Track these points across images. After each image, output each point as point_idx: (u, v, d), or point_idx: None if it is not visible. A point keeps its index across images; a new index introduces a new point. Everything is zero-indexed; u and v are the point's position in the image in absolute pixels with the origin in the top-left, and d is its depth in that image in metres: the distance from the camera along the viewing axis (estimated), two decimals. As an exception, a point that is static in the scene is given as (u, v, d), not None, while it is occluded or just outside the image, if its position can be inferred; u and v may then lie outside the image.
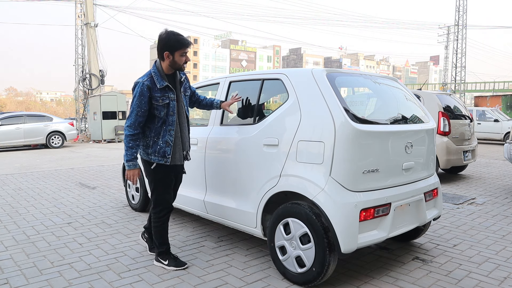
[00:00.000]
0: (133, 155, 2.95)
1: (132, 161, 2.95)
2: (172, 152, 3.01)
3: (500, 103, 21.98)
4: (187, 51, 2.98)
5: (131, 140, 2.94)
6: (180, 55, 2.95)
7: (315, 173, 2.73)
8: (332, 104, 2.73)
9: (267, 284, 2.86)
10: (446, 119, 6.58)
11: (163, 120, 2.97)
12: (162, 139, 2.98)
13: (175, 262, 3.15)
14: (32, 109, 63.29)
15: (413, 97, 3.57)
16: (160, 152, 2.99)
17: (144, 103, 2.90)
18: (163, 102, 2.93)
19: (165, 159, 2.99)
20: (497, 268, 3.15)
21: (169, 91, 2.97)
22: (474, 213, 4.79)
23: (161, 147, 2.98)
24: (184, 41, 2.94)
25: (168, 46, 2.92)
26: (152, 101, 2.92)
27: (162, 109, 2.95)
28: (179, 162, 3.08)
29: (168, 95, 2.96)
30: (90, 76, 20.68)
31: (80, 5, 22.03)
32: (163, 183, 3.08)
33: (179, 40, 2.93)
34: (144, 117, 2.93)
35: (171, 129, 2.99)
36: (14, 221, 4.54)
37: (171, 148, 3.00)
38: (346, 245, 2.60)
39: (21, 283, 2.89)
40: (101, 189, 6.43)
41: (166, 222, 3.17)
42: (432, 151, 3.35)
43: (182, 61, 2.97)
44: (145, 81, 2.91)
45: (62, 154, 12.41)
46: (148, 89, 2.90)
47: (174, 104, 3.00)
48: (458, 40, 32.67)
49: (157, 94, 2.92)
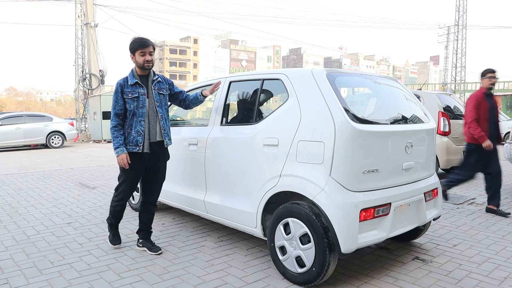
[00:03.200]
0: (118, 142, 3.35)
1: (119, 147, 3.34)
2: (143, 141, 3.37)
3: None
4: (146, 51, 3.32)
5: (114, 131, 3.38)
6: (139, 55, 3.33)
7: (315, 173, 2.73)
8: (332, 104, 2.73)
9: (267, 284, 2.86)
10: (446, 119, 6.59)
11: (133, 112, 3.37)
12: (134, 129, 3.37)
13: (111, 238, 3.67)
14: (32, 109, 63.28)
15: (413, 97, 3.57)
16: (133, 142, 3.37)
17: (119, 98, 3.37)
18: (132, 96, 3.36)
19: (138, 147, 3.37)
20: (497, 268, 3.15)
21: (139, 87, 3.39)
22: (474, 213, 4.79)
23: (134, 137, 3.37)
24: (143, 42, 3.34)
25: (130, 49, 3.37)
26: (124, 96, 3.37)
27: (131, 102, 3.36)
28: (146, 150, 3.39)
29: (138, 90, 3.38)
30: (90, 76, 20.68)
31: (80, 5, 22.03)
32: (129, 172, 3.42)
33: (138, 41, 3.34)
34: (121, 110, 3.38)
35: (141, 120, 3.37)
36: (14, 221, 4.54)
37: (142, 137, 3.37)
38: (346, 245, 2.60)
39: (21, 283, 2.89)
40: (101, 189, 6.43)
41: (117, 207, 3.57)
42: (432, 151, 3.35)
43: (142, 60, 3.34)
44: (120, 80, 3.43)
45: (62, 154, 12.41)
46: (121, 86, 3.38)
47: (144, 98, 3.39)
48: (458, 40, 32.67)
49: (127, 90, 3.37)
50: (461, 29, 32.42)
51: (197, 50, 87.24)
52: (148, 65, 3.35)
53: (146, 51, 3.32)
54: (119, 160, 3.33)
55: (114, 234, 3.68)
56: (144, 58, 3.32)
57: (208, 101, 4.33)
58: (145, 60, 3.33)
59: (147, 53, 3.33)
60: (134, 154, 3.37)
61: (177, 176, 4.10)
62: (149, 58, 3.34)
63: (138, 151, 3.36)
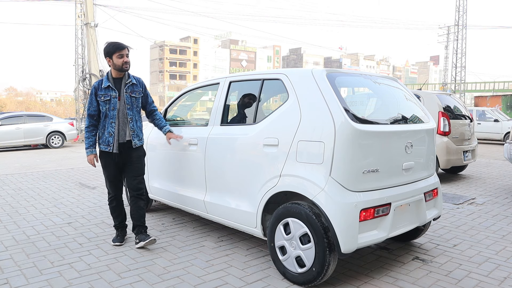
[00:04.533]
0: (89, 143, 3.63)
1: (89, 149, 3.63)
2: (113, 142, 3.55)
3: (500, 103, 21.97)
4: (123, 53, 3.49)
5: (86, 132, 3.62)
6: (117, 57, 3.49)
7: (315, 173, 2.73)
8: (332, 104, 2.73)
9: (267, 284, 2.86)
10: (446, 119, 6.58)
11: (106, 114, 3.56)
12: (106, 130, 3.57)
13: (114, 238, 3.79)
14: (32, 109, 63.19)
15: (413, 97, 3.57)
16: (105, 142, 3.58)
17: (93, 100, 3.57)
18: (104, 98, 3.53)
19: (109, 147, 3.57)
20: (497, 268, 3.15)
21: (111, 90, 3.54)
22: (474, 213, 4.79)
23: (106, 137, 3.57)
24: (118, 45, 3.50)
25: (106, 53, 3.51)
26: (97, 98, 3.56)
27: (104, 104, 3.55)
28: (115, 150, 3.56)
29: (110, 93, 3.53)
30: (90, 76, 20.67)
31: (80, 5, 22.01)
32: (105, 170, 3.68)
33: (114, 45, 3.50)
34: (94, 111, 3.58)
35: (112, 122, 3.55)
36: (14, 221, 4.53)
37: (113, 138, 3.56)
38: (346, 245, 2.60)
39: (21, 283, 2.89)
40: (101, 189, 6.42)
41: (112, 203, 3.76)
42: (432, 151, 3.35)
43: (120, 62, 3.49)
44: (95, 83, 3.61)
45: (62, 154, 12.41)
46: (95, 88, 3.58)
47: (116, 101, 3.54)
48: (458, 40, 32.66)
49: (101, 92, 3.55)
50: (461, 29, 32.41)
51: (197, 50, 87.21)
52: (126, 66, 3.52)
53: (123, 53, 3.49)
54: (88, 160, 3.65)
55: (118, 234, 3.81)
56: (122, 60, 3.48)
57: (208, 101, 4.34)
58: (124, 62, 3.49)
59: (125, 55, 3.50)
60: (107, 153, 3.60)
61: (177, 176, 4.10)
62: (127, 60, 3.52)
63: (109, 151, 3.56)
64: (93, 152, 3.64)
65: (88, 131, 3.61)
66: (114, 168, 3.66)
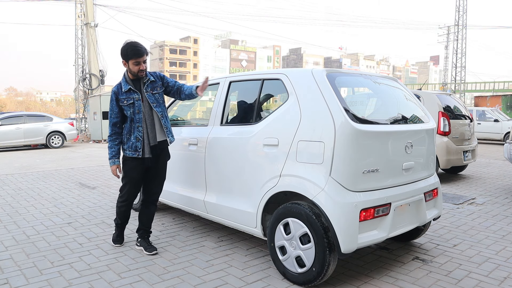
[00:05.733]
0: (112, 153, 3.44)
1: (112, 159, 3.44)
2: (142, 146, 3.37)
3: (500, 103, 21.98)
4: (140, 60, 3.27)
5: (110, 141, 3.46)
6: (133, 64, 3.27)
7: (315, 173, 2.73)
8: (332, 104, 2.73)
9: (267, 284, 2.86)
10: (446, 119, 6.58)
11: (131, 118, 3.38)
12: (133, 135, 3.39)
13: (115, 238, 3.69)
14: (32, 109, 63.26)
15: (413, 97, 3.57)
16: (132, 147, 3.38)
17: (114, 107, 3.39)
18: (127, 102, 3.34)
19: (137, 153, 3.38)
20: (497, 268, 3.15)
21: (133, 93, 3.35)
22: (474, 213, 4.79)
23: (133, 142, 3.38)
24: (137, 51, 3.24)
25: (123, 55, 3.29)
26: (119, 103, 3.37)
27: (128, 108, 3.36)
28: (147, 155, 3.39)
29: (132, 96, 3.35)
30: (90, 76, 20.67)
31: (80, 5, 22.02)
32: (128, 176, 3.46)
33: (133, 50, 3.24)
34: (117, 118, 3.41)
35: (139, 126, 3.37)
36: (14, 221, 4.53)
37: (141, 142, 3.37)
38: (346, 245, 2.60)
39: (21, 283, 2.89)
40: (101, 189, 6.43)
41: (122, 208, 3.57)
42: (432, 151, 3.35)
43: (136, 70, 3.30)
44: (114, 88, 3.41)
45: (62, 154, 12.40)
46: (115, 94, 3.38)
47: (139, 104, 3.36)
48: (458, 40, 32.67)
49: (122, 97, 3.35)
50: (461, 29, 32.41)
51: (197, 50, 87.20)
52: (142, 74, 3.34)
53: (141, 60, 3.27)
54: (112, 170, 3.47)
55: (118, 234, 3.70)
56: (138, 68, 3.29)
57: (208, 101, 4.34)
58: (139, 70, 3.30)
59: (141, 63, 3.29)
60: (135, 158, 3.39)
61: (177, 176, 4.10)
62: (143, 68, 3.32)
63: (138, 156, 3.37)
64: (116, 163, 3.44)
65: (111, 140, 3.43)
66: (140, 174, 3.47)
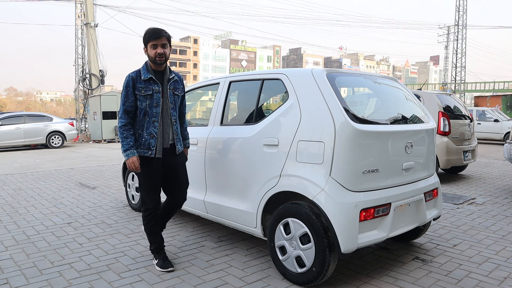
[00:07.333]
0: (128, 144, 2.97)
1: (129, 150, 2.96)
2: (156, 144, 3.02)
3: (500, 103, 21.99)
4: (157, 43, 2.97)
5: (123, 131, 2.99)
6: (151, 47, 2.99)
7: (315, 173, 2.73)
8: (332, 104, 2.73)
9: (267, 284, 2.86)
10: (446, 119, 6.58)
11: (145, 112, 3.01)
12: (146, 131, 3.01)
13: (162, 263, 3.13)
14: (32, 109, 63.27)
15: (413, 97, 3.57)
16: (145, 145, 3.01)
17: (130, 94, 2.99)
18: (145, 92, 2.99)
19: (150, 151, 3.01)
20: (497, 268, 3.15)
21: (153, 83, 3.02)
22: (474, 213, 4.79)
23: (146, 139, 3.01)
24: (154, 33, 2.99)
25: (143, 41, 3.03)
26: (136, 91, 2.99)
27: (144, 99, 3.00)
28: (159, 155, 3.04)
29: (152, 87, 3.01)
30: (90, 76, 20.69)
31: (80, 5, 22.05)
32: (147, 179, 3.08)
33: (149, 32, 3.00)
34: (131, 107, 3.00)
35: (155, 121, 3.02)
36: (14, 221, 4.54)
37: (155, 140, 3.01)
38: (346, 245, 2.60)
39: (21, 283, 2.89)
40: (101, 189, 6.43)
41: (151, 221, 3.15)
42: (432, 151, 3.35)
43: (153, 54, 2.98)
44: (132, 73, 3.03)
45: (62, 154, 12.41)
46: (133, 80, 2.99)
47: (159, 97, 3.03)
48: (458, 40, 32.68)
49: (140, 85, 2.99)
50: (461, 29, 32.43)
51: (197, 50, 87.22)
52: (160, 59, 2.98)
53: (158, 43, 2.96)
54: (129, 164, 2.95)
55: (164, 258, 3.17)
56: (155, 51, 2.96)
57: (208, 101, 4.33)
58: (157, 54, 2.96)
59: (159, 46, 2.97)
60: (145, 158, 3.03)
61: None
62: (160, 51, 2.96)
63: (150, 156, 3.02)
64: (135, 154, 2.96)
65: (125, 130, 2.98)
66: (156, 175, 3.08)
